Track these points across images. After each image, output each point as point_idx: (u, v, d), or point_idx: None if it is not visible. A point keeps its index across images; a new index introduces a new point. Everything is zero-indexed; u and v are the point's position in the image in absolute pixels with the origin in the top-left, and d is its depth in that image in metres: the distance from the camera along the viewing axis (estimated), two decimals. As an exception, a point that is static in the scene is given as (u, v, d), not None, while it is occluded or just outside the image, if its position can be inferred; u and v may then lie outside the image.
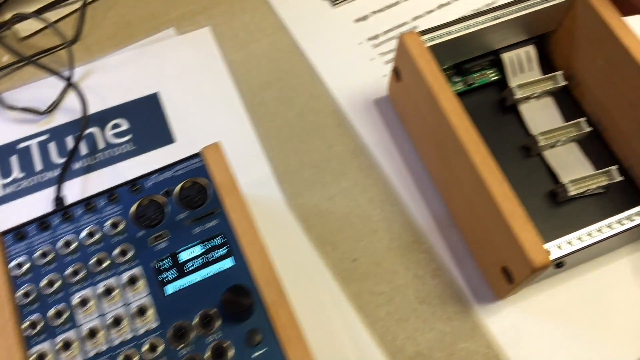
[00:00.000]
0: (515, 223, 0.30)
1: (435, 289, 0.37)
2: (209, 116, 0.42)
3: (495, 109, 0.41)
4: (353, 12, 0.47)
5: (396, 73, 0.39)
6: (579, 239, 0.31)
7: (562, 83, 0.39)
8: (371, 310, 0.36)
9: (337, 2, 0.47)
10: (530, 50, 0.41)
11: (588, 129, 0.38)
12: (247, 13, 0.47)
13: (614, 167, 0.36)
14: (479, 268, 0.37)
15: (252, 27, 0.46)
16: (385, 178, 0.40)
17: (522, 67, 0.41)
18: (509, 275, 0.32)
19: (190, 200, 0.32)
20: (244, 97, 0.43)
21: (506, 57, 0.41)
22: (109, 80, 0.43)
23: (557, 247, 0.31)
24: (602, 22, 0.36)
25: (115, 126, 0.42)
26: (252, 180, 0.40)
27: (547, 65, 0.42)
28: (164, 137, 0.41)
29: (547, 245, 0.30)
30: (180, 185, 0.32)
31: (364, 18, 0.46)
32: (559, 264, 0.32)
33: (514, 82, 0.40)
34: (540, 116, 0.40)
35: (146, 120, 0.42)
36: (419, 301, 0.36)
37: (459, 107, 0.34)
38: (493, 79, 0.41)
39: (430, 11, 0.47)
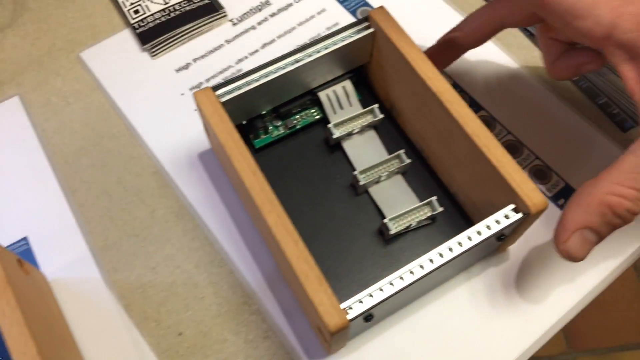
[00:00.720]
0: (309, 286, 0.28)
1: (268, 351, 0.34)
2: (14, 198, 0.39)
3: (322, 149, 0.39)
4: (173, 61, 0.44)
5: (205, 128, 0.37)
6: (381, 289, 0.29)
7: (380, 116, 0.38)
8: (197, 388, 0.33)
9: (156, 52, 0.44)
10: (347, 85, 0.40)
11: (408, 161, 0.37)
12: (60, 75, 0.44)
13: (434, 198, 0.35)
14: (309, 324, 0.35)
15: (66, 90, 0.43)
16: (212, 238, 0.38)
17: (341, 103, 0.40)
18: (322, 334, 0.31)
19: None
20: (57, 169, 0.40)
21: (323, 95, 0.39)
22: None
23: (359, 302, 0.29)
24: (401, 54, 0.35)
25: None
26: (66, 262, 0.37)
27: (372, 97, 0.41)
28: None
29: (347, 303, 0.29)
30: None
31: (186, 67, 0.44)
32: (368, 317, 0.30)
33: (333, 119, 0.39)
34: (365, 151, 0.39)
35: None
36: (249, 370, 0.34)
37: (253, 165, 0.32)
38: (317, 117, 0.40)
39: (255, 52, 0.45)
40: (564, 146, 0.40)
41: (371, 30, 0.36)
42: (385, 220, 0.35)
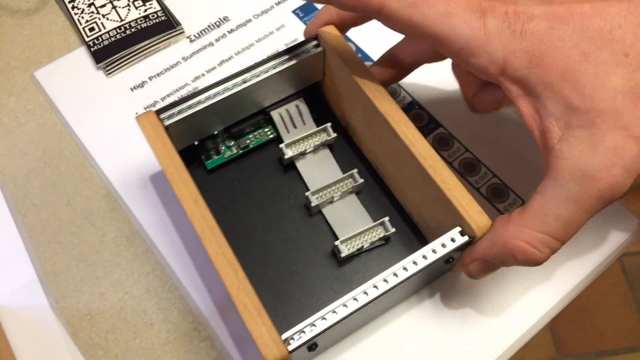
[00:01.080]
0: (248, 317, 0.28)
1: (217, 380, 0.34)
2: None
3: (276, 168, 0.39)
4: (129, 79, 0.44)
5: (154, 150, 0.36)
6: (324, 318, 0.28)
7: (333, 135, 0.38)
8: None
9: (111, 70, 0.44)
10: (300, 103, 0.39)
11: (361, 181, 0.36)
12: (13, 95, 0.43)
13: (386, 219, 0.35)
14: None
15: (18, 110, 0.43)
16: (163, 263, 0.37)
17: (294, 122, 0.39)
18: None
19: None
20: (6, 192, 0.39)
21: (276, 114, 0.39)
22: None
23: (301, 332, 0.28)
24: (349, 72, 0.34)
25: None
26: (14, 289, 0.36)
27: (329, 115, 0.40)
28: None
29: (288, 333, 0.28)
30: None
31: (141, 85, 0.43)
32: (311, 346, 0.29)
33: (287, 139, 0.38)
34: (319, 171, 0.38)
35: None
36: (196, 400, 0.33)
37: (194, 191, 0.31)
38: (271, 136, 0.39)
39: (212, 69, 0.44)
40: (522, 164, 0.39)
41: (320, 49, 0.36)
42: (337, 243, 0.34)
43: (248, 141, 0.39)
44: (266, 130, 0.39)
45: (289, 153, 0.37)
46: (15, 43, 0.46)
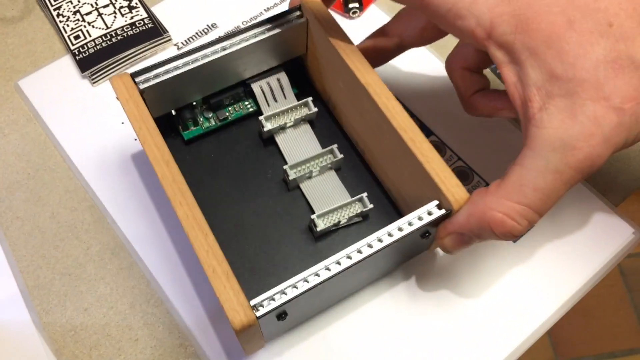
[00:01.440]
0: (216, 281, 0.27)
1: (203, 397, 0.33)
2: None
3: (256, 142, 0.38)
4: (114, 88, 0.43)
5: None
6: (294, 287, 0.28)
7: (315, 109, 0.37)
8: None
9: (97, 79, 0.43)
10: (282, 77, 0.38)
11: (340, 156, 0.36)
12: (-4, 105, 0.42)
13: (364, 195, 0.34)
14: None
15: (1, 120, 0.42)
16: (148, 276, 0.36)
17: (275, 95, 0.38)
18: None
19: None
20: (-11, 205, 0.38)
21: (257, 86, 0.38)
22: None
23: (270, 300, 0.27)
24: (331, 44, 0.34)
25: None
26: (-5, 304, 0.35)
27: (311, 90, 0.40)
28: None
29: (257, 300, 0.27)
30: None
31: (127, 94, 0.42)
32: (280, 315, 0.28)
33: (267, 112, 0.38)
34: (298, 146, 0.37)
35: None
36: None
37: (167, 154, 0.30)
38: (250, 110, 0.38)
39: (199, 76, 0.43)
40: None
41: (303, 20, 0.35)
42: (313, 217, 0.34)
43: (227, 114, 0.38)
44: (246, 103, 0.39)
45: (268, 126, 0.36)
46: (-1, 52, 0.45)
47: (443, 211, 0.29)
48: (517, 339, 0.34)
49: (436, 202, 0.30)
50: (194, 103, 0.37)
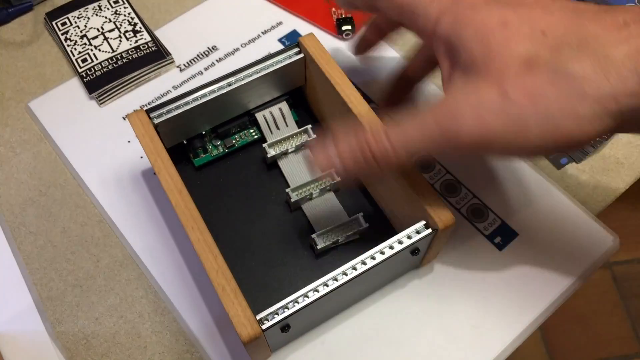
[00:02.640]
0: (225, 298, 0.30)
1: (209, 400, 0.35)
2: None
3: (260, 167, 0.41)
4: (121, 108, 0.45)
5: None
6: (296, 302, 0.31)
7: (314, 136, 0.40)
8: None
9: (103, 100, 0.45)
10: (283, 106, 0.41)
11: (338, 179, 0.39)
12: (8, 126, 0.45)
13: (359, 215, 0.37)
14: None
15: (14, 140, 0.44)
16: (156, 287, 0.38)
17: (277, 123, 0.41)
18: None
19: None
20: (3, 221, 0.41)
21: (260, 115, 0.41)
22: None
23: (274, 314, 0.30)
24: (326, 77, 0.37)
25: None
26: (11, 315, 0.37)
27: (310, 117, 0.43)
28: None
29: (263, 314, 0.30)
30: None
31: (133, 113, 0.45)
32: (284, 327, 0.31)
33: (270, 139, 0.41)
34: (300, 170, 0.40)
35: None
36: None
37: (179, 183, 0.33)
38: (255, 137, 0.41)
39: (201, 96, 0.46)
40: (501, 185, 0.41)
41: (301, 55, 0.38)
42: (314, 236, 0.37)
43: (234, 141, 0.41)
44: (251, 131, 0.41)
45: (271, 152, 0.39)
46: (10, 75, 0.47)
47: (430, 230, 0.32)
48: (504, 341, 0.36)
49: (423, 222, 0.33)
50: (203, 132, 0.40)
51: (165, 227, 0.40)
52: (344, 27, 0.48)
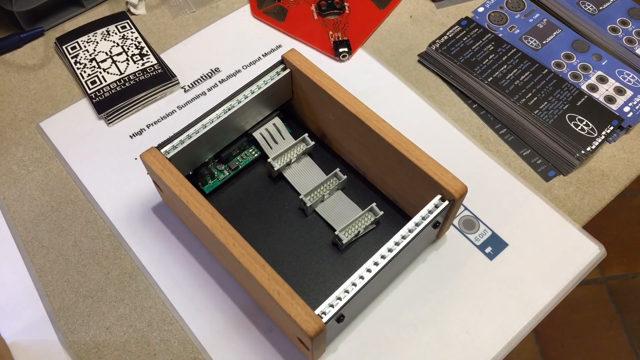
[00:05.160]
0: (283, 301, 0.31)
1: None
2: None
3: (267, 182, 0.43)
4: (128, 128, 0.47)
5: (156, 185, 0.40)
6: (346, 291, 0.33)
7: (312, 143, 0.43)
8: None
9: (112, 120, 0.47)
10: (277, 121, 0.44)
11: (344, 177, 0.41)
12: (21, 145, 0.47)
13: (373, 204, 0.40)
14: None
15: (26, 159, 0.46)
16: (162, 297, 0.40)
17: (274, 138, 0.43)
18: (304, 343, 0.33)
19: None
20: (16, 235, 0.42)
21: (257, 134, 0.43)
22: None
23: (330, 306, 0.32)
24: (318, 86, 0.39)
25: None
26: (25, 325, 0.39)
27: (302, 128, 0.45)
28: None
29: (320, 309, 0.32)
30: None
31: (140, 132, 0.47)
32: (340, 317, 0.33)
33: (271, 154, 0.43)
34: (305, 176, 0.43)
35: None
36: None
37: (210, 207, 0.35)
38: (256, 155, 0.44)
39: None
40: (491, 197, 0.43)
41: (288, 71, 0.41)
42: (337, 232, 0.39)
43: (237, 163, 0.43)
44: (251, 150, 0.44)
45: (277, 165, 0.42)
46: (22, 96, 0.49)
47: (447, 202, 0.35)
48: (497, 345, 0.38)
49: (439, 195, 0.35)
50: (207, 160, 0.42)
51: (172, 239, 0.42)
52: (340, 49, 0.51)
